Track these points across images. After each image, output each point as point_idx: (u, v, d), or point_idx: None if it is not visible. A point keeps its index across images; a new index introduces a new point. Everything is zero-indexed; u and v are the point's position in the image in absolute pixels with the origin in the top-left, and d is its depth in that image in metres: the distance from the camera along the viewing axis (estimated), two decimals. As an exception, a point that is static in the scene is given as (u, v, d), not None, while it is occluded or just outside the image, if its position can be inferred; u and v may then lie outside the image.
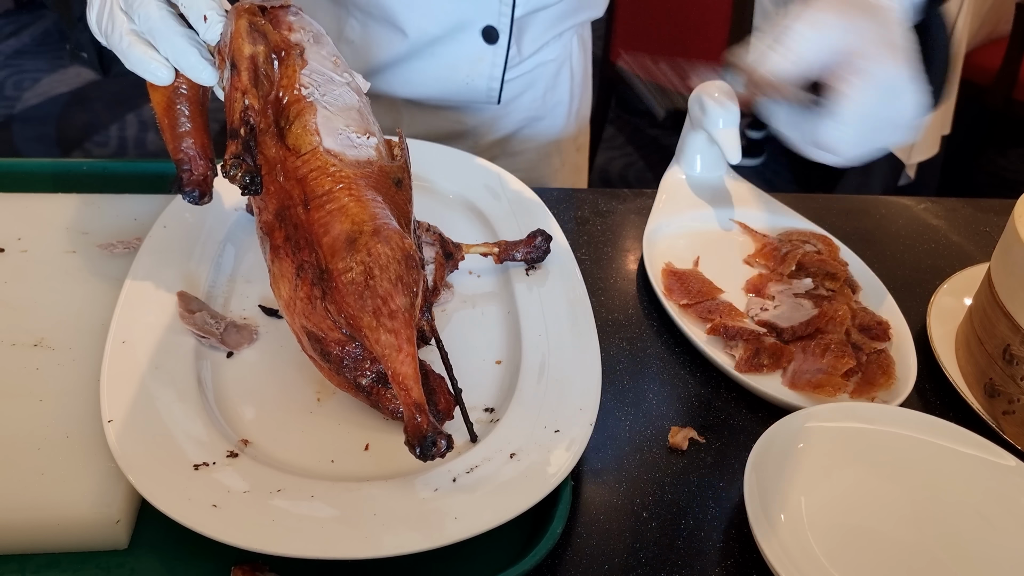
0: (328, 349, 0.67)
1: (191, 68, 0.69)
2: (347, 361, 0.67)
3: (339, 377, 0.69)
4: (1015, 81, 2.64)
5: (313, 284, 0.65)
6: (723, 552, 0.67)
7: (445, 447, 0.59)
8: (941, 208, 1.14)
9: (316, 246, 0.65)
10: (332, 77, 0.72)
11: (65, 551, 0.62)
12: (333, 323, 0.65)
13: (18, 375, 0.72)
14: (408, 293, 0.63)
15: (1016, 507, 0.69)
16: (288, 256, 0.67)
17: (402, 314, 0.62)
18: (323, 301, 0.64)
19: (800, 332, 0.84)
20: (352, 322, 0.63)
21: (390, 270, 0.62)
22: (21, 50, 4.15)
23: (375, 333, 0.61)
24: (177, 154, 0.74)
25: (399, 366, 0.60)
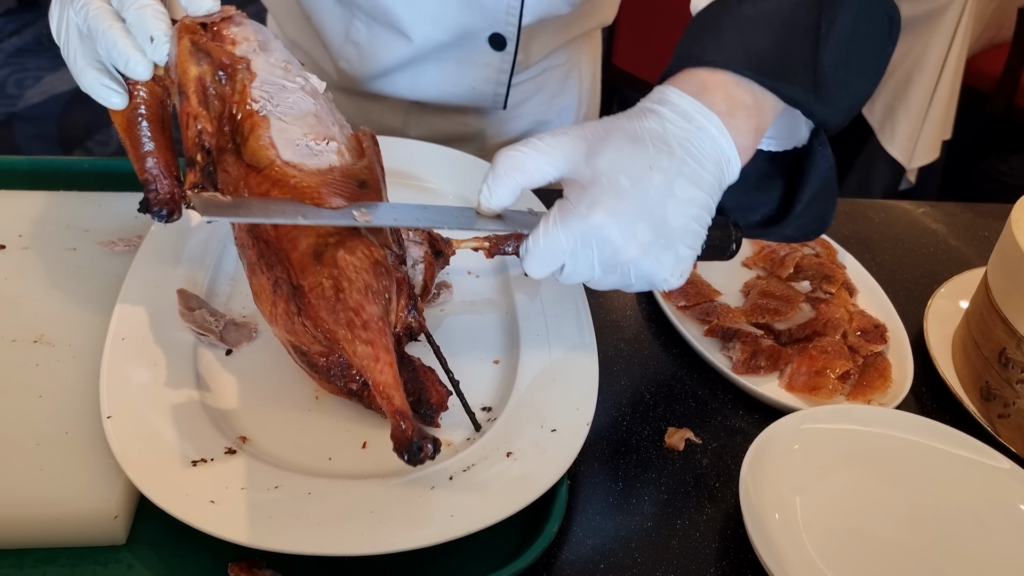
0: (314, 361, 0.68)
1: (125, 63, 0.66)
2: (334, 370, 0.68)
3: (330, 385, 0.70)
4: (1016, 87, 2.64)
5: (288, 300, 0.64)
6: (718, 552, 0.67)
7: (432, 451, 0.58)
8: (940, 212, 1.14)
9: (286, 263, 0.64)
10: (284, 85, 0.70)
11: (63, 546, 0.63)
12: (312, 337, 0.65)
13: (18, 371, 0.72)
14: (379, 301, 0.62)
15: (1010, 509, 0.69)
16: (263, 272, 0.66)
17: (375, 323, 0.61)
18: (300, 317, 0.64)
19: (797, 334, 0.85)
20: (328, 336, 0.62)
21: (358, 281, 0.62)
22: (23, 48, 4.16)
23: (351, 345, 0.61)
24: (143, 174, 0.73)
25: (378, 375, 0.60)
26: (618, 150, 0.60)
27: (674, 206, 0.60)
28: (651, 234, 0.60)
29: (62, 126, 3.55)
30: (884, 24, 0.68)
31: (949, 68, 2.62)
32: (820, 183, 0.70)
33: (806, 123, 0.71)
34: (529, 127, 1.24)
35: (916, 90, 2.67)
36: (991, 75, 2.72)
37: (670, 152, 0.60)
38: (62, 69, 3.96)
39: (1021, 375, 0.74)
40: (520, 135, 1.24)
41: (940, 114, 2.70)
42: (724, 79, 0.63)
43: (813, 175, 0.70)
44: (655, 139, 0.61)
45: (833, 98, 0.65)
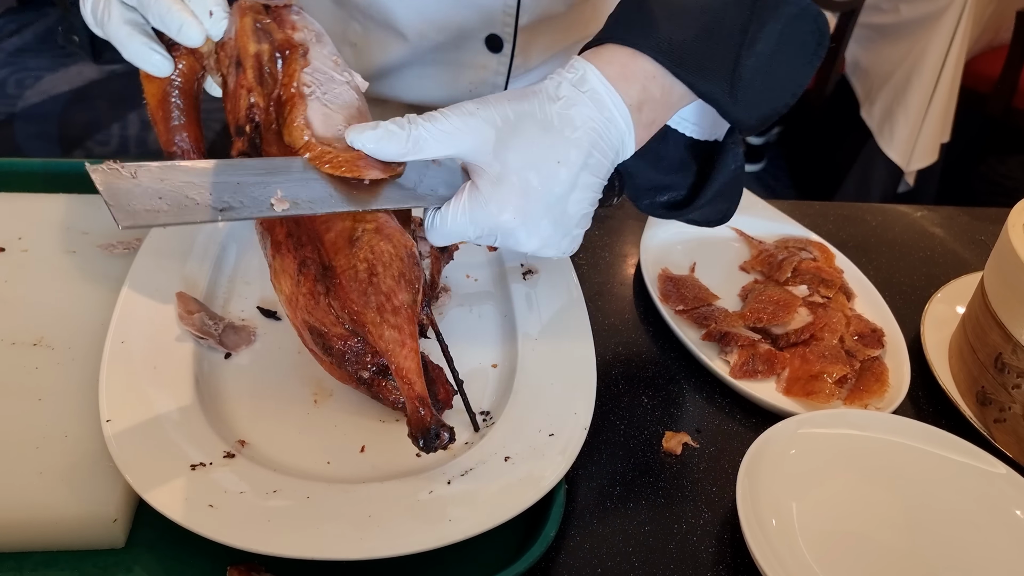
0: (330, 344, 0.68)
1: (178, 28, 0.67)
2: (348, 355, 0.68)
3: (340, 371, 0.69)
4: (1015, 89, 2.65)
5: (316, 280, 0.65)
6: (715, 557, 0.67)
7: (448, 439, 0.60)
8: (938, 216, 1.15)
9: (318, 243, 0.65)
10: (333, 76, 0.72)
11: (63, 549, 0.63)
12: (336, 318, 0.65)
13: (17, 374, 0.72)
14: (410, 289, 0.64)
15: (1006, 514, 0.69)
16: (290, 252, 0.67)
17: (405, 310, 0.63)
18: (326, 297, 0.65)
19: (795, 339, 0.85)
20: (355, 318, 0.63)
21: (393, 267, 0.63)
22: (23, 48, 4.16)
23: (378, 329, 0.62)
24: (170, 147, 0.74)
25: (402, 361, 0.61)
26: (528, 143, 0.62)
27: (575, 197, 0.64)
28: (552, 228, 0.64)
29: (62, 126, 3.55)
30: (812, 40, 0.68)
31: (948, 71, 2.63)
32: (727, 178, 0.74)
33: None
34: None
35: (915, 92, 2.68)
36: (989, 77, 2.73)
37: (578, 143, 0.63)
38: (62, 69, 3.96)
39: (1017, 380, 0.75)
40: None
41: (938, 117, 2.71)
42: (644, 67, 0.65)
43: (722, 171, 0.74)
44: (565, 126, 0.63)
45: (749, 102, 0.67)
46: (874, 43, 2.79)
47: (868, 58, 2.83)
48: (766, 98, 0.68)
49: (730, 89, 0.66)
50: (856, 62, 2.88)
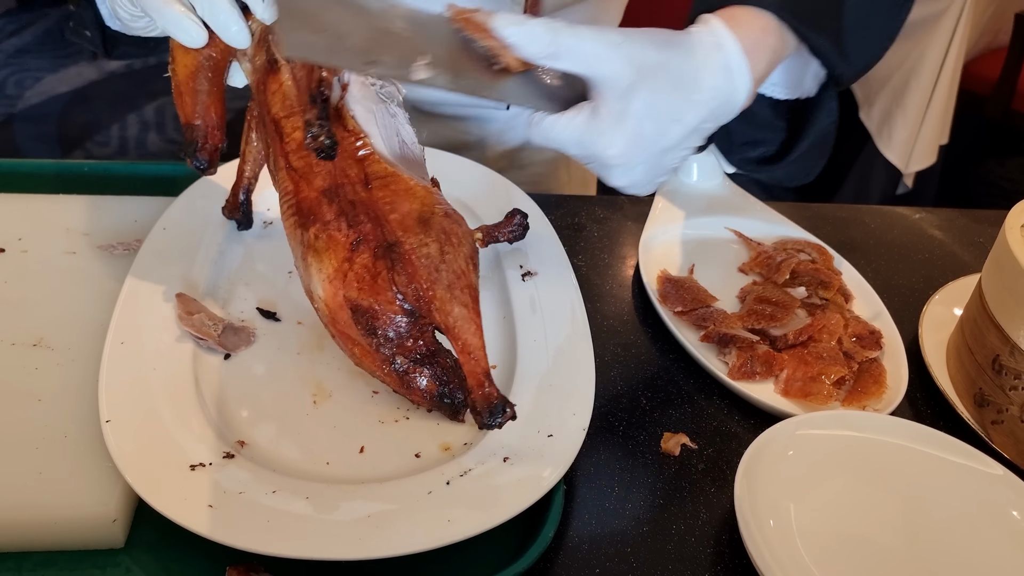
0: (375, 323, 0.67)
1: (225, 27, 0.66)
2: (393, 337, 0.67)
3: (374, 356, 0.69)
4: (1014, 91, 2.65)
5: (377, 257, 0.66)
6: (713, 558, 0.67)
7: (511, 415, 0.62)
8: (936, 218, 1.15)
9: (382, 222, 0.66)
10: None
11: (62, 549, 0.63)
12: (394, 296, 0.65)
13: (17, 375, 0.73)
14: (477, 272, 0.66)
15: (1003, 516, 0.69)
16: (341, 230, 0.68)
17: (473, 289, 0.65)
18: (390, 272, 0.65)
19: (793, 340, 0.85)
20: (423, 294, 0.64)
21: (464, 248, 0.66)
22: (23, 49, 4.16)
23: (448, 305, 0.64)
24: (193, 120, 0.75)
25: (470, 337, 0.63)
26: (657, 95, 0.63)
27: (676, 153, 0.67)
28: (644, 173, 0.67)
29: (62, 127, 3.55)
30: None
31: (946, 73, 2.63)
32: (821, 134, 0.77)
33: (813, 76, 0.74)
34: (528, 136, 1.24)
35: (913, 94, 2.68)
36: (988, 80, 2.73)
37: (698, 108, 0.64)
38: (62, 70, 3.96)
39: (1014, 382, 0.75)
40: (521, 144, 1.24)
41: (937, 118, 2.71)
42: (772, 34, 0.66)
43: (816, 125, 0.76)
44: (693, 89, 0.64)
45: (850, 53, 0.69)
46: (873, 45, 2.79)
47: (867, 60, 2.83)
48: (865, 47, 0.70)
49: (836, 41, 0.68)
50: (855, 64, 2.88)
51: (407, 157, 0.73)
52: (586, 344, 0.78)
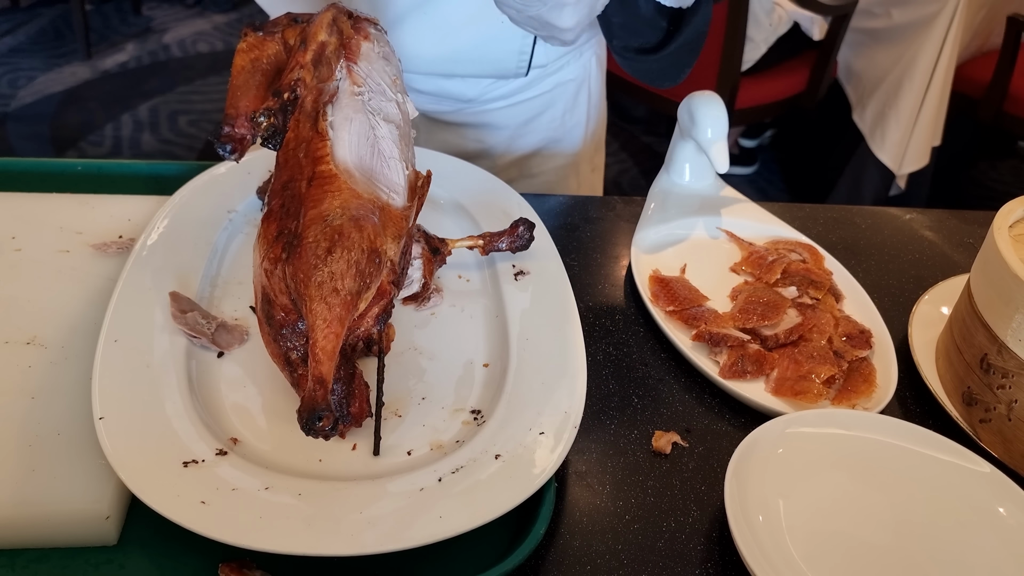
0: (273, 313, 0.69)
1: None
2: (285, 330, 0.69)
3: (274, 345, 0.70)
4: (1005, 94, 2.66)
5: (284, 248, 0.67)
6: (704, 555, 0.68)
7: (329, 428, 0.60)
8: (927, 219, 1.16)
9: (302, 216, 0.67)
10: (385, 91, 0.78)
11: (55, 546, 0.63)
12: (285, 287, 0.66)
13: (10, 373, 0.73)
14: (359, 280, 0.65)
15: (990, 513, 0.70)
16: (275, 221, 0.69)
17: (344, 295, 0.64)
18: (284, 264, 0.66)
19: (784, 339, 0.86)
20: (299, 287, 0.65)
21: (351, 253, 0.65)
22: (16, 48, 4.15)
23: (312, 302, 0.63)
24: (231, 110, 0.77)
25: (321, 338, 0.62)
26: None
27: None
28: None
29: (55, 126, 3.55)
30: None
31: (939, 75, 2.64)
32: (694, 34, 0.89)
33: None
34: (540, 144, 1.25)
35: (906, 97, 2.69)
36: (980, 82, 2.74)
37: None
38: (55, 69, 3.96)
39: (1002, 380, 0.76)
40: (532, 152, 1.25)
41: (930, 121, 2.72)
42: None
43: (692, 26, 0.88)
44: None
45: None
46: (866, 47, 2.81)
47: (860, 62, 2.84)
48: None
49: None
50: (848, 66, 2.89)
51: (371, 169, 0.74)
52: (578, 343, 0.78)
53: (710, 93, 0.99)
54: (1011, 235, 0.79)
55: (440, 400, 0.74)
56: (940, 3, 2.55)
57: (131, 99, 3.76)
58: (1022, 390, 0.74)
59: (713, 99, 0.98)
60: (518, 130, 1.22)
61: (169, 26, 4.55)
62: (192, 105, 3.74)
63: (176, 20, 4.63)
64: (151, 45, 4.30)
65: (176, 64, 4.13)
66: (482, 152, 1.22)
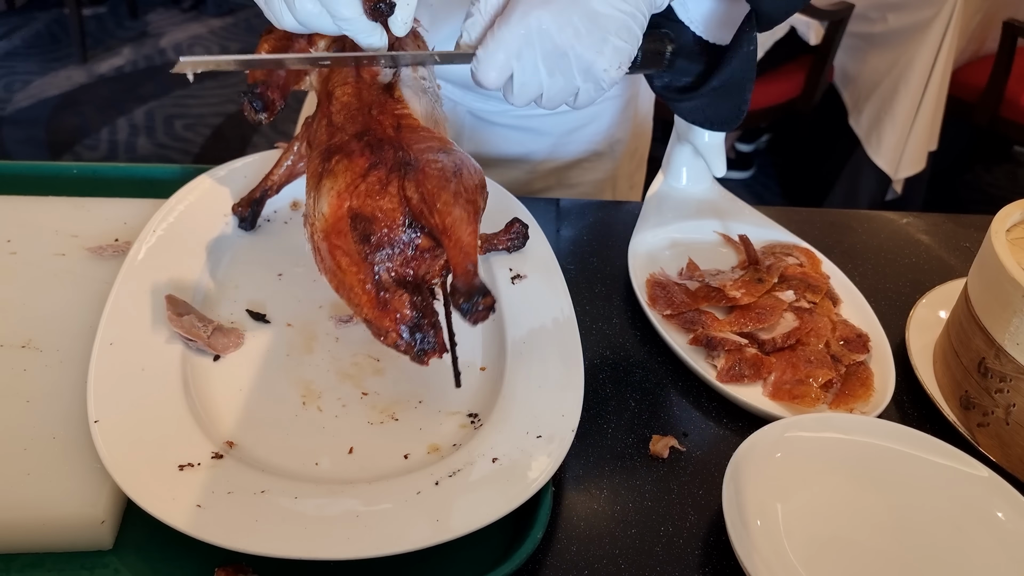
0: (372, 228, 0.66)
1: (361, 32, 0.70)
2: (386, 248, 0.67)
3: (360, 265, 0.67)
4: (1001, 98, 2.67)
5: (392, 171, 0.67)
6: (701, 559, 0.68)
7: (488, 307, 0.62)
8: (924, 223, 1.16)
9: (405, 148, 0.68)
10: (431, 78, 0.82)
11: (50, 551, 0.63)
12: (399, 202, 0.66)
13: (6, 376, 0.73)
14: (482, 199, 0.68)
15: (988, 517, 0.70)
16: (364, 155, 0.68)
17: (476, 207, 0.66)
18: (401, 181, 0.66)
19: (781, 343, 0.85)
20: (428, 197, 0.65)
21: (477, 177, 0.68)
22: (12, 52, 4.15)
23: (450, 207, 0.64)
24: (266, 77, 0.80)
25: (464, 235, 0.64)
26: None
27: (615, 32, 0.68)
28: (585, 21, 0.67)
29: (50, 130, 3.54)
30: None
31: (935, 80, 2.65)
32: (731, 76, 0.81)
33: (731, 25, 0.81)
34: (580, 155, 1.24)
35: (902, 101, 2.70)
36: (976, 87, 2.75)
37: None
38: (51, 73, 3.95)
39: (1000, 384, 0.75)
40: (572, 162, 1.24)
41: (926, 125, 2.73)
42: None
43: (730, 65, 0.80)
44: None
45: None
46: (862, 52, 2.81)
47: (856, 67, 2.85)
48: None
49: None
50: (844, 71, 2.90)
51: (439, 125, 0.77)
52: (575, 347, 0.78)
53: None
54: (1008, 239, 0.79)
55: (437, 403, 0.74)
56: (936, 8, 2.56)
57: (127, 103, 3.76)
58: (1020, 394, 0.74)
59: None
60: (561, 138, 1.21)
61: (165, 30, 4.55)
62: (188, 109, 3.74)
63: (172, 24, 4.63)
64: (147, 49, 4.30)
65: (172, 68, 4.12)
66: (523, 156, 1.22)
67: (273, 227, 0.93)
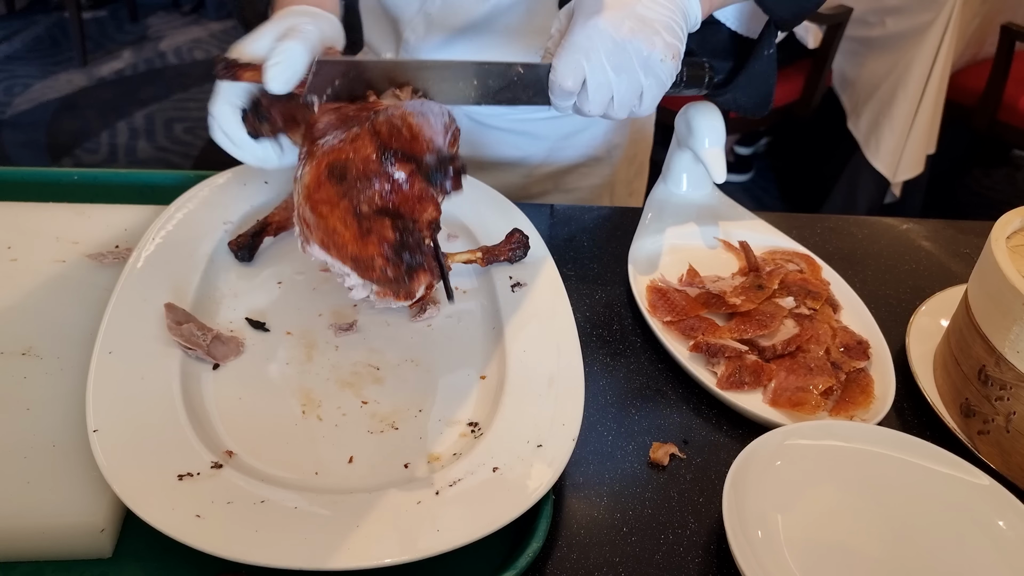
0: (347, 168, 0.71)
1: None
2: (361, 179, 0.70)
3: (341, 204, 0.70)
4: (999, 102, 2.67)
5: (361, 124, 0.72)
6: (702, 567, 0.68)
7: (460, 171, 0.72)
8: (924, 229, 1.16)
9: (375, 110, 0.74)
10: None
11: (50, 559, 0.63)
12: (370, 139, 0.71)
13: (6, 384, 0.72)
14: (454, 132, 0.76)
15: (989, 526, 0.70)
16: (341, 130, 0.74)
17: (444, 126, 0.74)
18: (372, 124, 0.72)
19: (781, 350, 0.85)
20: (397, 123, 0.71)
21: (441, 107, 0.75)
22: (12, 55, 4.15)
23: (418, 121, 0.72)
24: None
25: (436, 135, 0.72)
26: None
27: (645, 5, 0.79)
28: (635, 22, 0.78)
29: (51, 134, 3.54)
30: None
31: (933, 84, 2.65)
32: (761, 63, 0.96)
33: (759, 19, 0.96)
34: (577, 160, 1.24)
35: (901, 105, 2.70)
36: (974, 91, 2.75)
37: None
38: (51, 76, 3.95)
39: (1000, 392, 0.75)
40: (569, 167, 1.25)
41: (924, 129, 2.73)
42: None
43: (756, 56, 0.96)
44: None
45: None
46: (861, 56, 2.81)
47: (855, 71, 2.85)
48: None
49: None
50: (843, 74, 2.90)
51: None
52: (575, 354, 0.78)
53: (707, 103, 1.00)
54: (1008, 246, 0.79)
55: (437, 412, 0.74)
56: (934, 12, 2.56)
57: (127, 106, 3.76)
58: (1020, 402, 0.74)
59: (710, 109, 0.99)
60: (558, 143, 1.21)
61: (165, 34, 4.55)
62: (188, 112, 3.74)
63: (172, 28, 4.63)
64: (147, 53, 4.30)
65: (172, 72, 4.13)
66: (520, 160, 1.22)
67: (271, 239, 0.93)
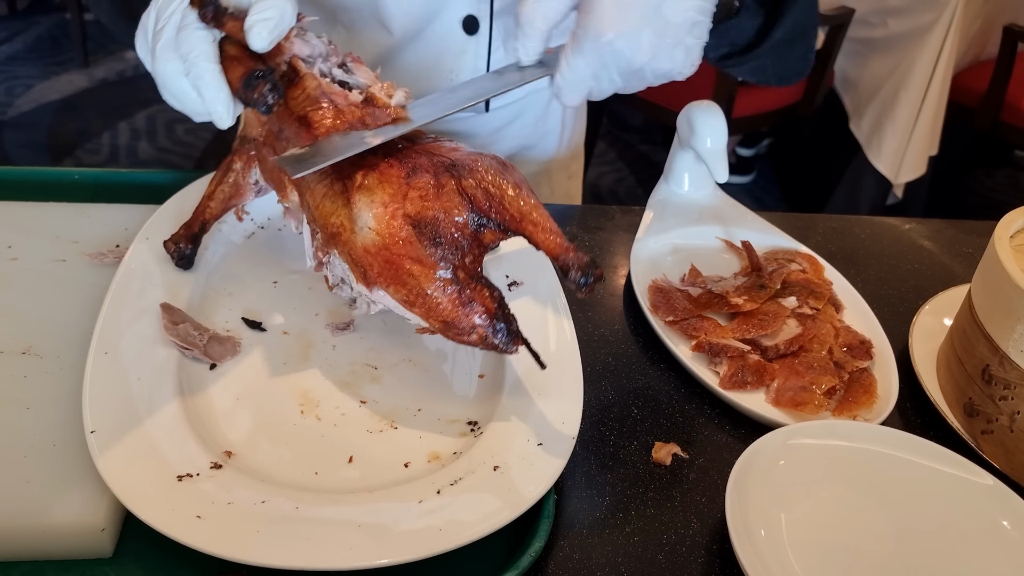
0: (440, 230, 0.68)
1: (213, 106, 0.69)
2: (457, 245, 0.68)
3: (435, 268, 0.68)
4: (1001, 103, 2.67)
5: (438, 175, 0.69)
6: (704, 567, 0.67)
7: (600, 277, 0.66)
8: (926, 228, 1.16)
9: (437, 154, 0.71)
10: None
11: (50, 559, 0.63)
12: (461, 200, 0.68)
13: (6, 383, 0.72)
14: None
15: (993, 526, 0.69)
16: (394, 166, 0.69)
17: (535, 194, 0.70)
18: (456, 181, 0.68)
19: (784, 350, 0.85)
20: (493, 192, 0.68)
21: (519, 172, 0.71)
22: (13, 56, 4.15)
23: (518, 200, 0.68)
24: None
25: (545, 220, 0.68)
26: None
27: (671, 5, 0.67)
28: (656, 37, 0.67)
29: (52, 134, 3.54)
30: None
31: (935, 84, 2.65)
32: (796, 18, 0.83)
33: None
34: (512, 150, 1.24)
35: (903, 106, 2.69)
36: (977, 92, 2.75)
37: None
38: (52, 77, 3.95)
39: (1004, 392, 0.75)
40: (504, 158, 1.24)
41: (926, 130, 2.73)
42: None
43: (791, 15, 0.82)
44: None
45: None
46: (863, 57, 2.81)
47: (857, 71, 2.85)
48: None
49: None
50: (845, 75, 2.90)
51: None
52: (574, 353, 0.77)
53: (709, 103, 0.99)
54: (1012, 246, 0.79)
55: (436, 411, 0.74)
56: (936, 12, 2.56)
57: (128, 107, 3.76)
58: (1024, 401, 0.74)
59: (713, 109, 0.98)
60: (488, 138, 1.21)
61: (166, 34, 4.54)
62: (189, 113, 3.74)
63: (173, 28, 4.62)
64: (148, 53, 4.29)
65: (173, 72, 4.12)
66: None
67: (267, 234, 0.93)
